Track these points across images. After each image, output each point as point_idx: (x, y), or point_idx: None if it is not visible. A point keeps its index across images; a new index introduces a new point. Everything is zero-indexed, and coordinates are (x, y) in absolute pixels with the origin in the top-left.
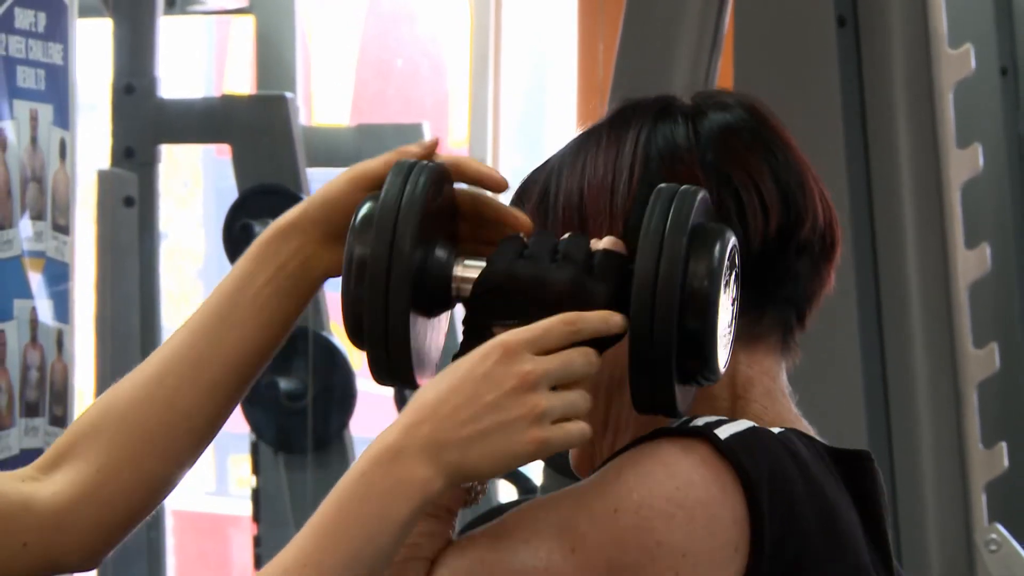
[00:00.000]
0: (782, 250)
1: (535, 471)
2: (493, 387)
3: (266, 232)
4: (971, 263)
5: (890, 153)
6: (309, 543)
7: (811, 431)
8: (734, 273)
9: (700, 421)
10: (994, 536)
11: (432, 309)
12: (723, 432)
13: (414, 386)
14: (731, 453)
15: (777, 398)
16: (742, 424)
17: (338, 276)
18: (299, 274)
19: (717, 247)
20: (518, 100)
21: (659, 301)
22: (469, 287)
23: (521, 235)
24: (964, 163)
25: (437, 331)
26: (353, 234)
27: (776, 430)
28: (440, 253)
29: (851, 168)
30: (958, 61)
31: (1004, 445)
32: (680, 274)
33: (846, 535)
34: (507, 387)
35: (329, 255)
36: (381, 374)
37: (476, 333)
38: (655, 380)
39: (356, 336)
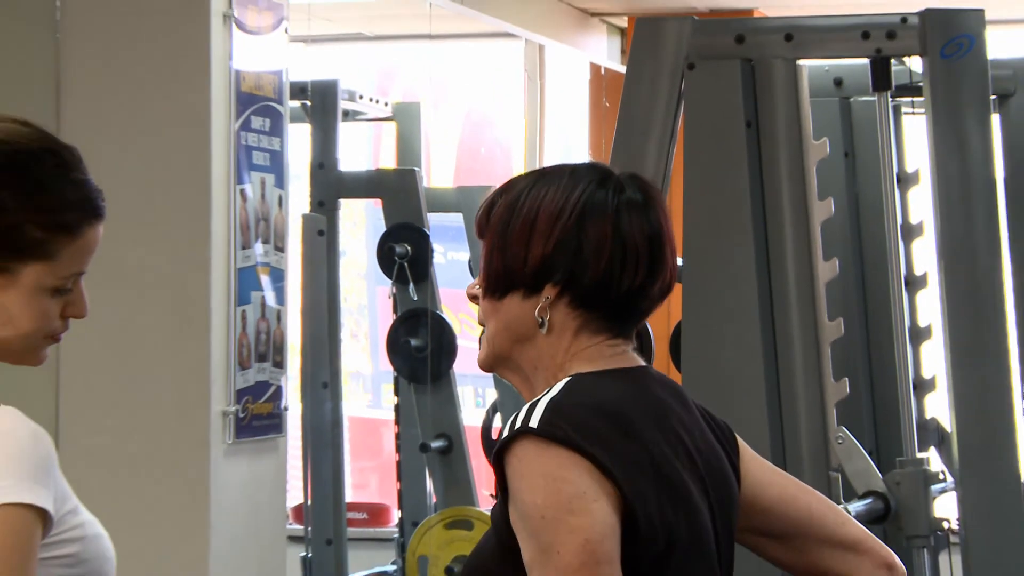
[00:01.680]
0: (636, 292)
1: None
2: None
3: None
4: (826, 269)
5: (778, 201)
6: None
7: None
8: None
9: (522, 413)
10: (840, 434)
11: None
12: (534, 420)
13: None
14: (544, 431)
15: (596, 352)
16: (551, 391)
17: None
18: None
19: None
20: None
21: None
22: None
23: None
24: (823, 209)
25: None
26: None
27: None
28: None
29: (754, 209)
30: (819, 148)
31: (846, 379)
32: None
33: (643, 442)
34: None
35: None
36: None
37: None
38: None
39: None
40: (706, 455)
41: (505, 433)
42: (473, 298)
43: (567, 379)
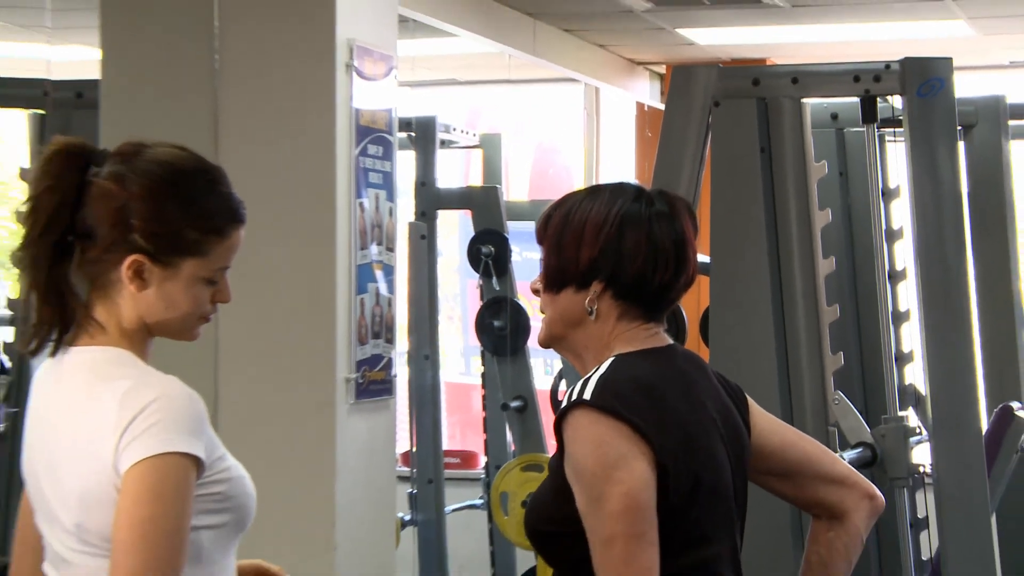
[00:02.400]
0: (666, 286)
1: None
2: None
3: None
4: (825, 266)
5: (786, 211)
6: None
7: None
8: None
9: (577, 387)
10: (836, 397)
11: None
12: (588, 392)
13: None
14: (595, 402)
15: (633, 334)
16: (600, 369)
17: None
18: None
19: None
20: None
21: None
22: None
23: None
24: (822, 217)
25: None
26: None
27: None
28: None
29: (767, 217)
30: (819, 168)
31: (841, 353)
32: None
33: (675, 409)
34: None
35: None
36: None
37: None
38: None
39: None
40: (723, 414)
41: (564, 403)
42: (535, 291)
43: (612, 358)
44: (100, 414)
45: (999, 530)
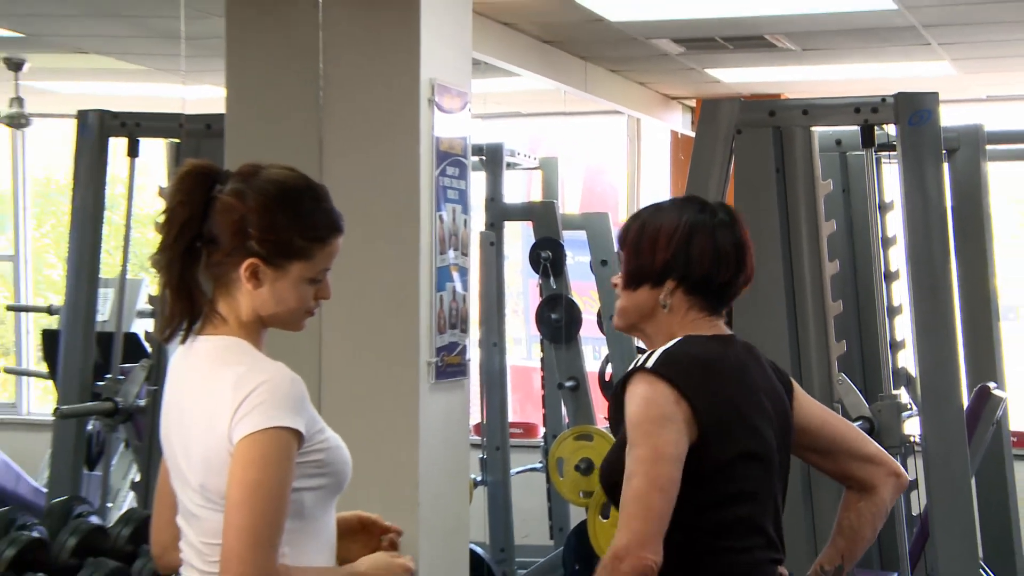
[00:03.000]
0: (727, 282)
1: None
2: (389, 567)
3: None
4: (830, 267)
5: (798, 221)
6: None
7: (713, 331)
8: None
9: (643, 357)
10: (840, 378)
11: None
12: (651, 363)
13: None
14: (657, 370)
15: (699, 324)
16: (667, 345)
17: None
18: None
19: None
20: (649, 203)
21: None
22: None
23: None
24: (828, 227)
25: None
26: None
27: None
28: None
29: (781, 227)
30: (825, 186)
31: (844, 341)
32: None
33: (727, 385)
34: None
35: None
36: None
37: None
38: None
39: None
40: (772, 396)
41: (630, 369)
42: (615, 286)
43: (680, 338)
44: (219, 393)
45: (977, 490)
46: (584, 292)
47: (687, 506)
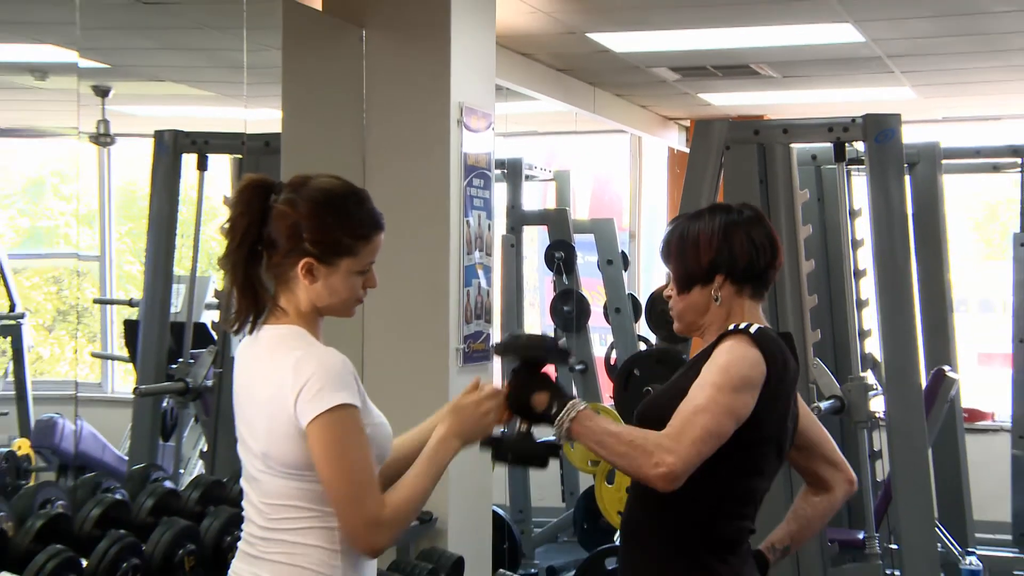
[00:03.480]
0: (766, 268)
1: None
2: (470, 413)
3: (446, 408)
4: (807, 266)
5: (778, 225)
6: (420, 467)
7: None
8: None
9: (742, 325)
10: (815, 362)
11: None
12: (752, 329)
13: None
14: (757, 338)
15: (758, 315)
16: (755, 326)
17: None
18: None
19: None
20: (649, 210)
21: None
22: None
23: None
24: (805, 231)
25: None
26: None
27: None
28: None
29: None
30: (803, 195)
31: (819, 330)
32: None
33: (788, 377)
34: (472, 412)
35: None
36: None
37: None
38: None
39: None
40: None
41: (729, 330)
42: (668, 297)
43: (749, 322)
44: (280, 375)
45: (933, 458)
46: (592, 288)
47: (719, 466)
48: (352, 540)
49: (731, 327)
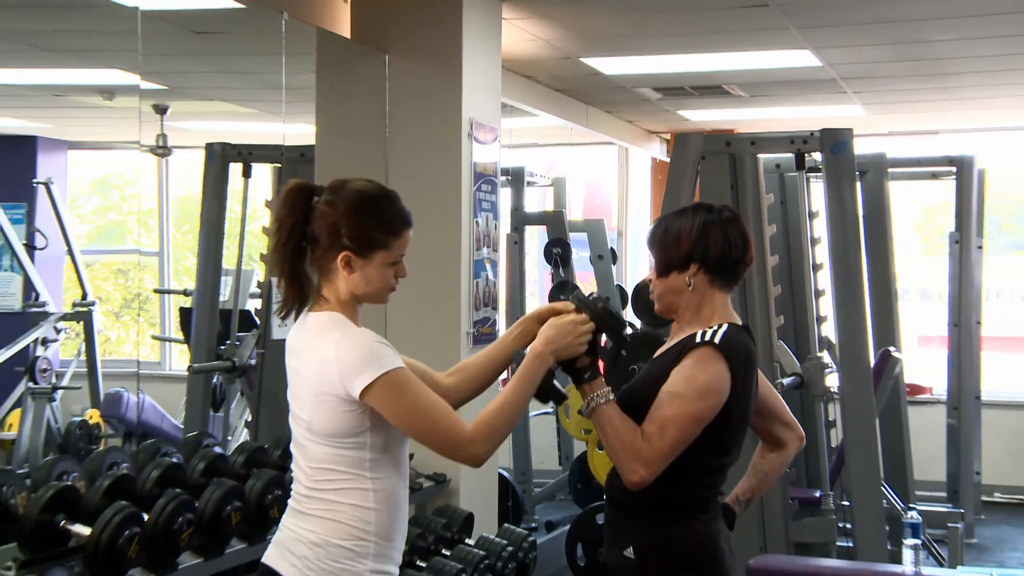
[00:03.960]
0: (737, 262)
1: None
2: (568, 331)
3: (520, 320)
4: (772, 261)
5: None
6: (512, 386)
7: (739, 320)
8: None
9: (709, 335)
10: (779, 343)
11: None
12: (717, 339)
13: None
14: (722, 347)
15: (727, 305)
16: (721, 332)
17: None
18: (522, 338)
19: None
20: (634, 213)
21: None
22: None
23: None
24: (770, 230)
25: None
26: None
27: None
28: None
29: None
30: (768, 199)
31: (782, 316)
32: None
33: (751, 372)
34: (570, 330)
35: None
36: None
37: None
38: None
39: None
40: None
41: (698, 341)
42: (650, 280)
43: (726, 326)
44: (323, 354)
45: (880, 427)
46: (585, 279)
47: (693, 448)
48: (457, 460)
49: (699, 335)
